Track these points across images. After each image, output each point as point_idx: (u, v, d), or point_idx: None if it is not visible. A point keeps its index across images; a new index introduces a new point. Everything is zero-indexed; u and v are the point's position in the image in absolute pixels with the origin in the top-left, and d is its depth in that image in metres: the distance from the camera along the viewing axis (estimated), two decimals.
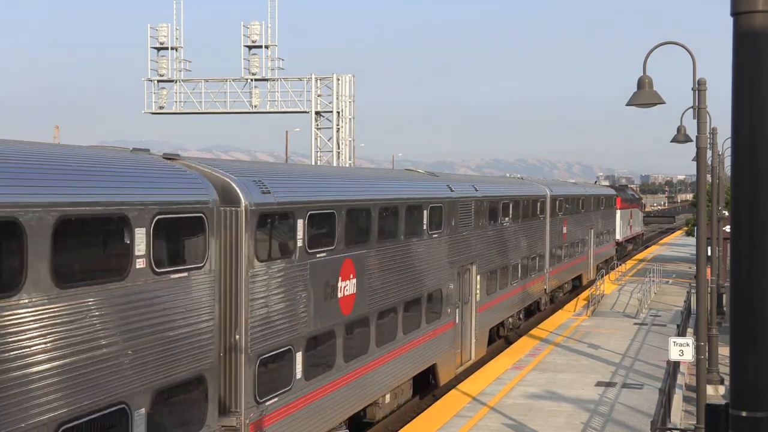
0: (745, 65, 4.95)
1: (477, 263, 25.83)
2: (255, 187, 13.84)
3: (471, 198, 25.47)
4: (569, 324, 33.23)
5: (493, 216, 28.15)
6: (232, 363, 13.25)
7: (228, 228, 13.23)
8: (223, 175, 13.44)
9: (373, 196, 18.54)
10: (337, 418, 16.65)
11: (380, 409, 19.62)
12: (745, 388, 5.02)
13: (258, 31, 49.91)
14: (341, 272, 16.70)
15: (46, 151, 10.36)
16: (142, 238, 10.74)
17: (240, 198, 13.34)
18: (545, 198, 36.46)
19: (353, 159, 50.42)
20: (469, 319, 25.31)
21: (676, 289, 44.52)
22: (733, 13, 4.98)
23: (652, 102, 15.80)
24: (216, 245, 12.45)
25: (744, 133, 4.98)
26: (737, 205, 5.02)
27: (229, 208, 13.23)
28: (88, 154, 11.19)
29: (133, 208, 10.62)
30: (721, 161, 39.24)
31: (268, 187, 14.23)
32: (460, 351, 24.62)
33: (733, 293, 5.09)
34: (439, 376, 22.89)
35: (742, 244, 5.00)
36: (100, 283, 10.11)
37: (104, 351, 10.12)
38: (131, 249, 10.57)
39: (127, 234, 10.55)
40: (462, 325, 24.72)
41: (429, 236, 21.81)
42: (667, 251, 71.38)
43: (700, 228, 19.43)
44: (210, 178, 13.00)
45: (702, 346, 18.30)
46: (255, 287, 13.57)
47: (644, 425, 18.64)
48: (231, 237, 13.26)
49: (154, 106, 52.19)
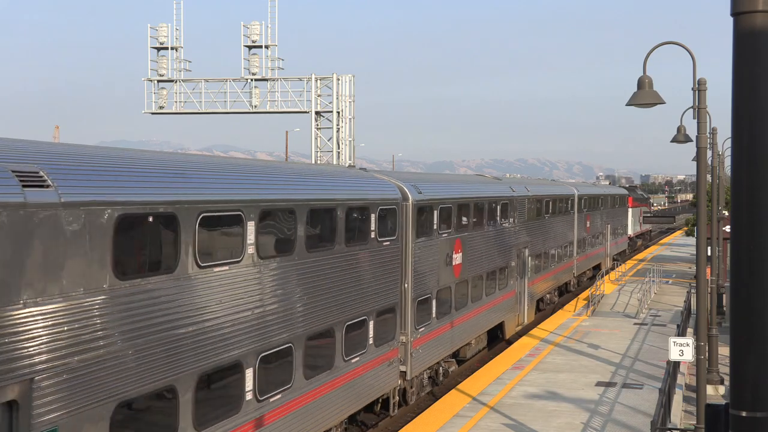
0: (745, 65, 4.95)
1: (529, 248, 32.99)
2: (414, 189, 21.48)
3: (524, 197, 32.55)
4: (569, 324, 33.23)
5: (539, 211, 35.19)
6: (403, 302, 20.67)
7: (402, 215, 20.45)
8: (398, 181, 21.11)
9: (473, 195, 26.53)
10: (452, 348, 24.62)
11: (470, 349, 27.21)
12: (745, 388, 5.02)
13: (258, 31, 49.90)
14: (455, 248, 24.28)
15: (320, 170, 17.97)
16: (375, 221, 18.53)
17: (409, 196, 20.99)
18: (574, 197, 43.30)
19: (353, 159, 50.43)
20: (523, 290, 32.50)
21: (676, 289, 44.53)
22: (733, 13, 4.98)
23: (652, 102, 15.81)
24: (401, 226, 20.19)
25: (744, 133, 4.98)
26: (737, 205, 5.01)
27: (404, 203, 20.64)
28: (349, 171, 20.07)
29: (373, 204, 18.50)
30: (721, 161, 39.24)
31: (420, 189, 21.91)
32: (518, 314, 32.01)
33: (733, 293, 5.09)
34: (505, 330, 30.67)
35: (742, 244, 5.00)
36: (358, 244, 17.67)
37: (355, 286, 17.53)
38: (368, 227, 18.20)
39: (369, 217, 18.32)
40: (519, 294, 31.96)
41: (501, 225, 29.32)
42: (667, 251, 71.38)
43: (700, 228, 19.43)
44: (395, 183, 20.78)
45: (702, 346, 18.29)
46: (415, 254, 21.14)
47: (644, 425, 18.64)
48: (404, 221, 20.60)
49: (154, 106, 52.18)
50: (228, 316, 12.59)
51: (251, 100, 51.05)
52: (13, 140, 10.13)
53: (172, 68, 51.57)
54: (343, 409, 16.98)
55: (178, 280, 11.39)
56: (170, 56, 51.51)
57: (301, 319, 14.93)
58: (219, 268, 12.40)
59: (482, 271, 26.94)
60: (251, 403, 13.21)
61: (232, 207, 12.86)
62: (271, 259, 13.94)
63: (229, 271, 12.68)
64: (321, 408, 15.81)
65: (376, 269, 18.55)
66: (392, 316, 19.68)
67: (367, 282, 18.07)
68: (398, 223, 19.89)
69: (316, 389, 15.59)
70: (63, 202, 9.43)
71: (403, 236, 20.42)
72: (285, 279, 14.45)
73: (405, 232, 20.62)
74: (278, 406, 14.09)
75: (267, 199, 13.89)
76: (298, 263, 14.84)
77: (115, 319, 10.22)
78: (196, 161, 13.11)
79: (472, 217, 25.94)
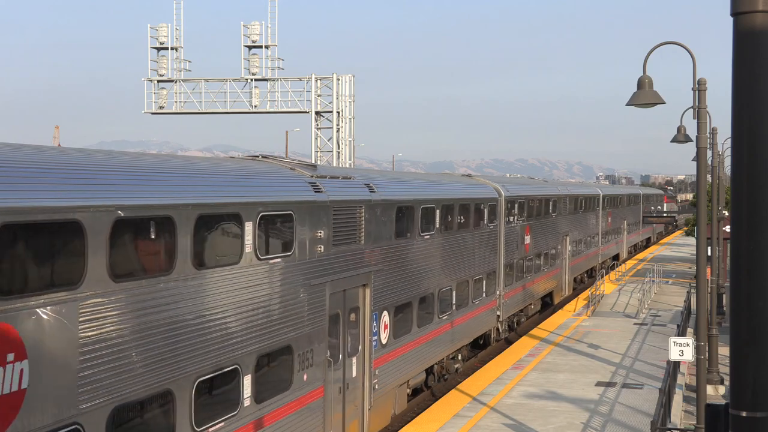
0: (745, 65, 4.95)
1: (569, 235, 41.57)
2: (504, 188, 29.65)
3: (566, 195, 41.57)
4: (569, 324, 33.23)
5: (574, 207, 43.29)
6: (498, 267, 28.83)
7: (499, 207, 28.71)
8: (494, 183, 29.52)
9: (538, 193, 35.51)
10: (524, 304, 33.14)
11: (532, 309, 35.42)
12: (745, 388, 5.02)
13: (258, 31, 49.88)
14: (526, 231, 32.81)
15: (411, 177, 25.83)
16: (487, 211, 27.06)
17: (502, 194, 29.15)
18: (599, 196, 51.42)
19: (353, 159, 50.42)
20: (566, 268, 41.43)
21: (676, 289, 44.52)
22: (733, 13, 4.98)
23: (652, 102, 15.80)
24: (498, 216, 28.65)
25: (744, 133, 4.98)
26: (737, 205, 5.02)
27: (499, 198, 28.73)
28: (466, 179, 29.14)
29: (485, 200, 27.10)
30: (721, 161, 39.21)
31: (508, 189, 30.25)
32: (562, 287, 41.04)
33: (733, 293, 5.09)
34: (554, 298, 39.80)
35: (742, 244, 5.00)
36: (477, 228, 26.20)
37: (473, 255, 25.90)
38: (483, 216, 26.72)
39: (483, 209, 26.83)
40: (563, 271, 40.85)
41: (553, 217, 38.12)
42: (667, 251, 71.37)
43: (700, 228, 19.42)
44: (492, 185, 28.99)
45: (702, 346, 18.28)
46: (505, 234, 29.50)
47: (644, 425, 18.63)
48: (499, 211, 28.80)
49: (154, 106, 52.16)
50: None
51: (251, 100, 51.03)
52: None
53: (172, 68, 51.56)
54: (473, 332, 26.30)
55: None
56: (170, 56, 51.50)
57: (455, 271, 23.85)
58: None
59: (541, 250, 35.61)
60: (414, 329, 20.64)
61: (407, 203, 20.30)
62: (426, 234, 21.38)
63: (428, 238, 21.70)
64: (464, 328, 24.98)
65: (487, 244, 27.29)
66: (493, 276, 28.29)
67: (482, 252, 26.79)
68: (497, 212, 28.54)
69: (461, 317, 24.54)
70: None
71: (499, 222, 28.76)
72: (444, 249, 22.79)
73: (500, 219, 28.86)
74: (451, 320, 23.65)
75: (434, 198, 22.24)
76: (446, 239, 22.93)
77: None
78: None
79: (537, 210, 34.68)
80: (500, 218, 28.79)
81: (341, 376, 16.34)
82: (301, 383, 14.45)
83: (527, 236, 32.80)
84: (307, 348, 14.65)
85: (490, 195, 27.88)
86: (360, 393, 17.31)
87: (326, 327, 15.46)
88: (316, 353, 14.99)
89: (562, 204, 39.84)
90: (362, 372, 17.43)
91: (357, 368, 17.19)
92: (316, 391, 15.08)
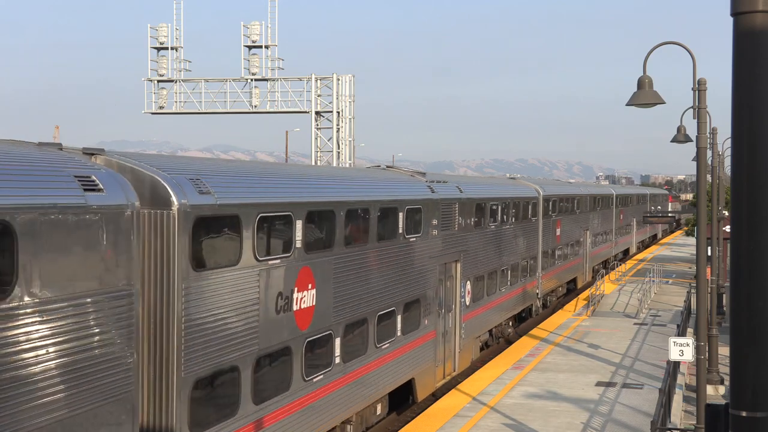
0: (744, 65, 4.95)
1: (589, 229, 47.58)
2: (542, 189, 35.44)
3: (587, 195, 47.19)
4: (569, 324, 33.23)
5: (593, 205, 49.01)
6: (539, 254, 35.00)
7: (539, 205, 34.76)
8: (534, 184, 35.58)
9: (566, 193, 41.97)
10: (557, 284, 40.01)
11: (560, 291, 41.62)
12: (745, 388, 5.02)
13: (258, 31, 49.84)
14: (557, 225, 38.35)
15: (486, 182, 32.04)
16: (531, 207, 33.71)
17: (541, 193, 35.16)
18: (613, 196, 57.34)
19: (353, 159, 50.40)
20: (587, 257, 47.46)
21: (676, 289, 44.52)
22: (733, 13, 4.98)
23: (652, 102, 15.80)
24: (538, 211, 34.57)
25: (744, 133, 4.98)
26: (737, 205, 5.02)
27: (539, 197, 34.81)
28: (514, 181, 37.07)
29: (529, 200, 33.33)
30: (721, 161, 39.22)
31: (545, 189, 36.11)
32: (584, 275, 46.66)
33: (733, 293, 5.09)
34: (577, 285, 45.21)
35: (742, 244, 5.00)
36: (526, 221, 33.02)
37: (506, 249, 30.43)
38: (529, 211, 33.17)
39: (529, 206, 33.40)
40: (584, 260, 46.77)
41: (578, 213, 43.80)
42: (667, 251, 71.37)
43: (700, 228, 19.42)
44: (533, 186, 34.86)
45: (702, 346, 18.29)
46: (543, 227, 35.44)
47: (644, 425, 18.63)
48: (539, 208, 34.58)
49: (154, 106, 52.13)
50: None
51: (251, 100, 51.00)
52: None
53: (172, 68, 51.52)
54: (521, 305, 32.51)
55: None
56: (170, 56, 51.46)
57: (510, 255, 30.06)
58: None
59: (568, 242, 41.49)
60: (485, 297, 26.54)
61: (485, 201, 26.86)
62: (492, 224, 27.54)
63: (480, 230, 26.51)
64: (516, 300, 31.50)
65: (531, 234, 33.41)
66: (535, 260, 34.48)
67: (528, 241, 32.86)
68: (537, 209, 34.43)
69: (514, 291, 31.11)
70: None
71: (539, 216, 34.88)
72: (504, 237, 29.08)
73: (539, 214, 34.84)
74: (508, 292, 30.14)
75: (498, 197, 28.75)
76: (505, 230, 29.02)
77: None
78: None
79: (565, 207, 40.29)
80: (539, 213, 35.06)
81: (443, 325, 22.83)
82: (424, 326, 21.29)
83: (558, 229, 38.83)
84: (428, 301, 21.30)
85: (532, 194, 34.37)
86: (453, 339, 23.69)
87: (436, 288, 22.08)
88: (432, 305, 21.70)
89: (583, 202, 45.84)
90: (455, 324, 23.84)
91: (452, 321, 23.57)
92: (432, 333, 21.86)
